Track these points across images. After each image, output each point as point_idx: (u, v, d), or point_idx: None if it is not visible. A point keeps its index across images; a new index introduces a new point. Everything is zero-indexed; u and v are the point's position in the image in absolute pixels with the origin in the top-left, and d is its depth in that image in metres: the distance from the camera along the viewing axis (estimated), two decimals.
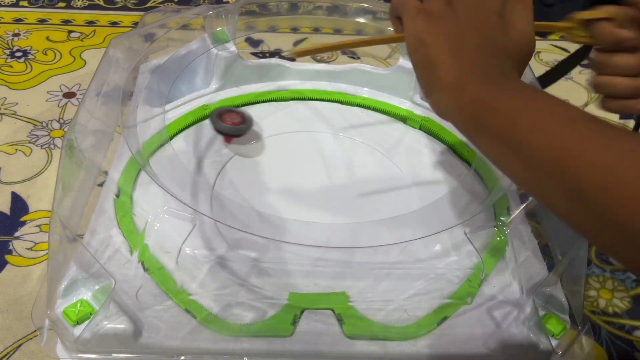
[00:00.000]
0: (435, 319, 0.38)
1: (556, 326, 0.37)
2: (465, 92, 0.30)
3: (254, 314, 0.37)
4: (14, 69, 0.69)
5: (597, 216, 0.24)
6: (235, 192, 0.47)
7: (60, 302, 0.36)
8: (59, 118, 0.62)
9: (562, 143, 0.25)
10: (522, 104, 0.28)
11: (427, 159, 0.52)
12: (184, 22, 0.54)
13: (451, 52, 0.31)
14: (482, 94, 0.29)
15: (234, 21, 0.56)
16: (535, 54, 0.79)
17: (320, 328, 0.37)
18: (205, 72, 0.57)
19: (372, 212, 0.46)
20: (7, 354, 0.42)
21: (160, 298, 0.38)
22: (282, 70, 0.59)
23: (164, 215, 0.41)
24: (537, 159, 0.26)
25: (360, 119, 0.56)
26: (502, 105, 0.28)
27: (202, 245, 0.41)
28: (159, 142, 0.49)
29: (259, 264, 0.40)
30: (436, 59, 0.31)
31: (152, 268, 0.39)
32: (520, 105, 0.28)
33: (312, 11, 0.56)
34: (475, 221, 0.43)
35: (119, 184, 0.45)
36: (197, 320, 0.37)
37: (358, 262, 0.41)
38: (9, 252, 0.48)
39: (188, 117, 0.53)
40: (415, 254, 0.42)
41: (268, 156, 0.51)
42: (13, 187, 0.54)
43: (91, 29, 0.77)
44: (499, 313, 0.38)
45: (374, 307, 0.38)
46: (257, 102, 0.57)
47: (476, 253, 0.41)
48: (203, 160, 0.50)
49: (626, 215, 0.23)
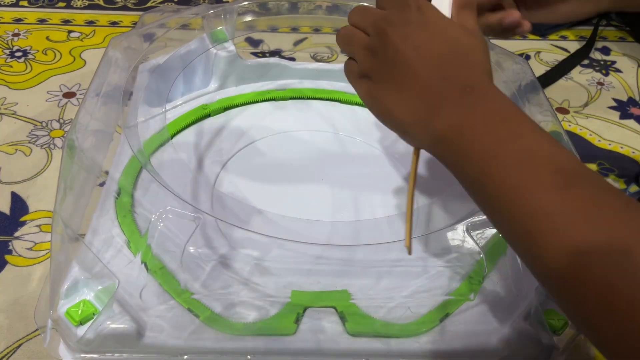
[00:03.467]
0: (437, 316, 0.38)
1: (558, 322, 0.37)
2: (431, 123, 0.30)
3: (257, 313, 0.37)
4: (13, 68, 0.69)
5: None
6: (236, 191, 0.47)
7: (62, 302, 0.36)
8: (59, 118, 0.62)
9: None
10: (491, 145, 0.28)
11: (427, 156, 0.52)
12: (183, 21, 0.54)
13: (400, 94, 0.31)
14: (449, 120, 0.29)
15: (233, 21, 0.56)
16: (535, 53, 0.79)
17: (323, 326, 0.37)
18: (205, 71, 0.57)
19: (373, 210, 0.46)
20: (7, 353, 0.42)
21: (163, 298, 0.38)
22: (282, 69, 0.59)
23: (167, 214, 0.41)
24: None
25: (359, 117, 0.57)
26: (473, 136, 0.29)
27: (204, 244, 0.41)
28: (159, 141, 0.49)
29: (261, 263, 0.40)
30: (390, 107, 0.32)
31: (155, 268, 0.39)
32: (489, 144, 0.28)
33: (312, 11, 0.56)
34: (476, 218, 0.43)
35: (120, 184, 0.45)
36: (200, 320, 0.37)
37: (359, 260, 0.41)
38: (9, 252, 0.48)
39: (188, 116, 0.53)
40: (416, 251, 0.42)
41: (268, 155, 0.51)
42: (13, 187, 0.54)
43: (91, 28, 0.77)
44: (501, 309, 0.38)
45: (376, 304, 0.38)
46: (256, 101, 0.57)
47: (478, 249, 0.41)
48: (203, 159, 0.50)
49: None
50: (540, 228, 0.25)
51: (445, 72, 0.30)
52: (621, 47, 0.82)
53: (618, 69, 0.77)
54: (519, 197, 0.26)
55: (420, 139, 0.32)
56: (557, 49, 0.80)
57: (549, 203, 0.25)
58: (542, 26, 0.82)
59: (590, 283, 0.24)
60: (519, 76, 0.52)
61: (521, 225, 0.26)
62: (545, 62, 0.77)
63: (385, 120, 0.33)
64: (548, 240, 0.25)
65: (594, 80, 0.74)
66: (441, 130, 0.30)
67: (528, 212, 0.26)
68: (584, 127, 0.66)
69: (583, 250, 0.24)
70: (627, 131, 0.66)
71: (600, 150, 0.63)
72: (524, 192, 0.26)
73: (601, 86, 0.73)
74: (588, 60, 0.78)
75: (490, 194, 0.28)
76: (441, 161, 0.31)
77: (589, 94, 0.72)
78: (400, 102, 0.31)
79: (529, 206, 0.26)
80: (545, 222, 0.25)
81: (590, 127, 0.66)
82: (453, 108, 0.29)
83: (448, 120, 0.29)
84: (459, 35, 0.32)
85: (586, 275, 0.24)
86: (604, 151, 0.63)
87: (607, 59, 0.79)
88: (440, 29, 0.32)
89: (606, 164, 0.62)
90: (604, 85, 0.73)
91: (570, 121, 0.67)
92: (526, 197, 0.26)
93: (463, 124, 0.29)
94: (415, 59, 0.31)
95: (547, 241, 0.25)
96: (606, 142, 0.64)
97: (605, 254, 0.24)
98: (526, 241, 0.26)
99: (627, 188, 0.59)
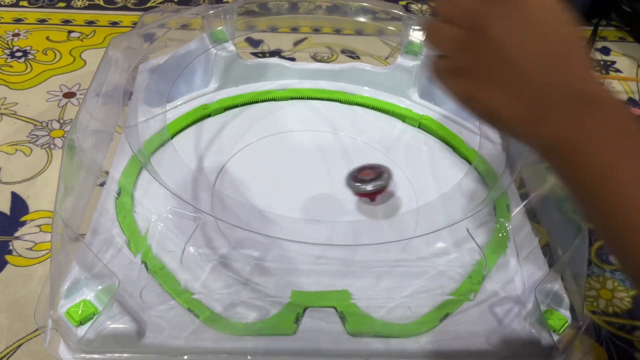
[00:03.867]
0: (437, 316, 0.38)
1: (557, 322, 0.37)
2: (541, 127, 0.28)
3: (257, 313, 0.37)
4: (14, 69, 0.69)
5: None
6: (235, 191, 0.47)
7: (63, 302, 0.36)
8: (59, 118, 0.62)
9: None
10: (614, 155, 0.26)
11: (427, 156, 0.52)
12: (183, 22, 0.54)
13: (507, 96, 0.29)
14: (562, 129, 0.27)
15: (233, 21, 0.56)
16: None
17: (323, 326, 0.37)
18: (205, 71, 0.57)
19: (373, 210, 0.46)
20: (7, 353, 0.42)
21: (164, 298, 0.38)
22: (281, 69, 0.59)
23: (167, 215, 0.41)
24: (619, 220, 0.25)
25: (359, 117, 0.57)
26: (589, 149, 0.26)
27: (204, 244, 0.41)
28: (159, 141, 0.49)
29: (261, 263, 0.40)
30: (496, 108, 0.29)
31: (155, 268, 0.39)
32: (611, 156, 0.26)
33: (312, 11, 0.56)
34: (476, 218, 0.43)
35: (120, 184, 0.45)
36: (201, 320, 0.37)
37: (359, 260, 0.41)
38: (9, 252, 0.48)
39: (188, 116, 0.53)
40: (416, 252, 0.42)
41: (268, 155, 0.51)
42: (13, 187, 0.54)
43: (91, 29, 0.77)
44: (501, 309, 0.38)
45: (376, 304, 0.38)
46: (256, 101, 0.57)
47: (478, 250, 0.41)
48: (203, 159, 0.50)
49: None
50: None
51: (558, 74, 0.28)
52: (621, 47, 0.82)
53: (618, 69, 0.77)
54: (635, 219, 0.25)
55: (528, 140, 0.29)
56: None
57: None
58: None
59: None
60: None
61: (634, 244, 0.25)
62: None
63: (490, 121, 0.31)
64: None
65: None
66: (552, 139, 0.27)
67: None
68: None
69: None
70: None
71: None
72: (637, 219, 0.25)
73: None
74: None
75: (604, 211, 0.26)
76: (551, 165, 0.29)
77: None
78: (507, 104, 0.29)
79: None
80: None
81: None
82: (567, 117, 0.27)
83: (560, 132, 0.27)
84: (569, 30, 0.29)
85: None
86: None
87: (607, 59, 0.79)
88: (544, 20, 0.28)
89: None
90: None
91: None
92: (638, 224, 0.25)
93: (577, 135, 0.27)
94: (522, 58, 0.28)
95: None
96: None
97: None
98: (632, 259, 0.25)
99: None
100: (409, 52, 0.56)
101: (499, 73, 0.29)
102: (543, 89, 0.28)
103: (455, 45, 0.30)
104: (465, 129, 0.54)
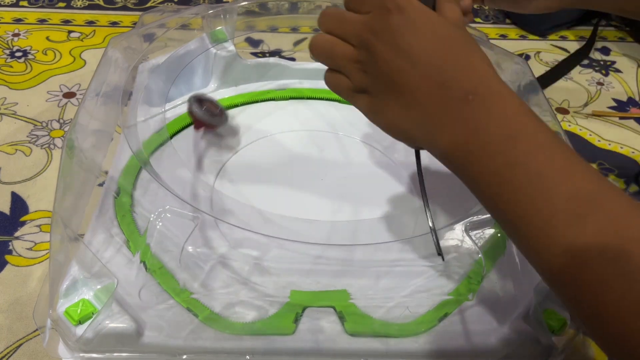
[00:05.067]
0: (436, 316, 0.38)
1: (557, 322, 0.37)
2: (437, 135, 0.29)
3: (256, 313, 0.37)
4: (14, 69, 0.69)
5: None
6: (235, 191, 0.47)
7: (62, 302, 0.36)
8: (59, 118, 0.62)
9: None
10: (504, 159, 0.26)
11: (426, 156, 0.52)
12: (183, 21, 0.54)
13: (403, 108, 0.29)
14: (453, 134, 0.28)
15: (233, 21, 0.56)
16: (535, 54, 0.79)
17: (322, 326, 0.37)
18: (204, 71, 0.57)
19: (372, 210, 0.46)
20: (7, 353, 0.42)
21: (162, 297, 0.38)
22: (281, 69, 0.59)
23: (165, 214, 0.41)
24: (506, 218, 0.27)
25: (359, 117, 0.56)
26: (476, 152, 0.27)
27: (203, 244, 0.41)
28: (158, 141, 0.49)
29: (260, 263, 0.40)
30: (395, 121, 0.30)
31: (154, 267, 0.39)
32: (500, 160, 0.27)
33: (312, 11, 0.56)
34: (475, 218, 0.43)
35: (119, 184, 0.45)
36: (199, 319, 0.37)
37: (358, 260, 0.41)
38: (9, 252, 0.48)
39: (187, 116, 0.53)
40: (415, 251, 0.42)
41: (267, 155, 0.51)
42: (13, 187, 0.54)
43: (91, 29, 0.77)
44: (500, 309, 0.38)
45: (375, 304, 0.38)
46: (256, 101, 0.57)
47: (476, 249, 0.41)
48: (203, 159, 0.50)
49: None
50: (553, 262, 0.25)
51: (444, 78, 0.28)
52: (621, 47, 0.82)
53: (618, 69, 0.77)
54: (531, 227, 0.25)
55: (432, 152, 0.30)
56: (557, 49, 0.80)
57: (564, 239, 0.24)
58: (542, 26, 0.82)
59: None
60: (518, 76, 0.52)
61: (530, 248, 0.26)
62: (545, 62, 0.77)
63: (395, 135, 0.32)
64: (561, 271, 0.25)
65: (593, 80, 0.74)
66: (447, 147, 0.28)
67: (541, 243, 0.25)
68: (583, 127, 0.66)
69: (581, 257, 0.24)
70: (626, 131, 0.66)
71: (600, 150, 0.63)
72: (537, 223, 0.25)
73: (601, 86, 0.73)
74: (588, 60, 0.78)
75: (503, 217, 0.27)
76: (452, 171, 0.30)
77: (589, 94, 0.72)
78: (404, 116, 0.29)
79: (542, 238, 0.25)
80: (560, 258, 0.24)
81: (590, 127, 0.66)
82: (456, 122, 0.27)
83: (453, 138, 0.28)
84: (450, 32, 0.29)
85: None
86: (604, 151, 0.63)
87: (607, 59, 0.79)
88: (429, 28, 0.29)
89: (606, 164, 0.62)
90: (603, 86, 0.73)
91: (570, 121, 0.67)
92: (539, 227, 0.25)
93: (468, 142, 0.27)
94: (410, 69, 0.28)
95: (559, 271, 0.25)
96: (606, 142, 0.64)
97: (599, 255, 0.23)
98: (536, 261, 0.26)
99: (627, 188, 0.59)
100: None
101: (394, 87, 0.29)
102: (431, 95, 0.28)
103: (351, 63, 0.31)
104: None
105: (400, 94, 0.29)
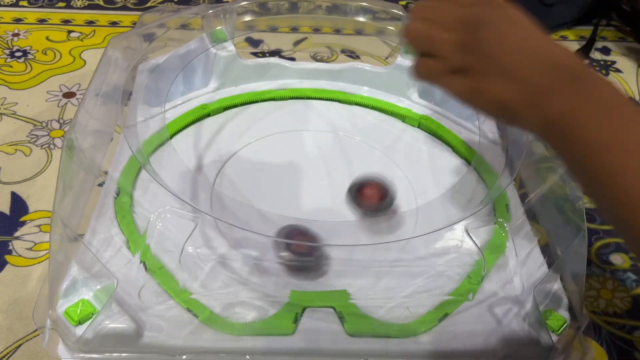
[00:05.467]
0: (436, 316, 0.38)
1: (556, 322, 0.37)
2: (543, 107, 0.30)
3: (256, 313, 0.37)
4: (13, 69, 0.69)
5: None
6: (235, 191, 0.47)
7: (61, 302, 0.36)
8: (59, 118, 0.62)
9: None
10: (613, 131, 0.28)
11: (426, 156, 0.52)
12: (182, 21, 0.54)
13: (509, 82, 0.31)
14: (560, 105, 0.29)
15: (233, 21, 0.56)
16: None
17: (322, 326, 0.37)
18: (204, 71, 0.57)
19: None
20: (7, 353, 0.42)
21: (162, 297, 0.38)
22: (281, 69, 0.59)
23: (165, 214, 0.41)
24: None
25: (359, 117, 0.57)
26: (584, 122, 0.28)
27: (203, 244, 0.41)
28: (158, 141, 0.49)
29: (260, 263, 0.40)
30: (499, 95, 0.31)
31: (154, 268, 0.39)
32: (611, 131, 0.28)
33: (312, 11, 0.56)
34: (475, 218, 0.43)
35: (119, 184, 0.45)
36: (199, 320, 0.37)
37: (358, 260, 0.41)
38: (9, 252, 0.48)
39: (187, 116, 0.53)
40: (415, 252, 0.42)
41: (267, 155, 0.51)
42: (13, 187, 0.54)
43: (91, 28, 0.77)
44: (500, 309, 0.38)
45: (375, 304, 0.38)
46: (256, 101, 0.57)
47: (477, 250, 0.41)
48: (203, 159, 0.50)
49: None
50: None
51: (555, 60, 0.30)
52: (621, 47, 0.81)
53: (618, 69, 0.77)
54: (635, 198, 0.26)
55: (531, 122, 0.31)
56: None
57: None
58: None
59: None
60: None
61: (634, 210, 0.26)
62: None
63: (495, 111, 0.33)
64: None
65: None
66: (554, 115, 0.30)
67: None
68: None
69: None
70: None
71: None
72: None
73: None
74: (588, 60, 0.78)
75: (604, 181, 0.28)
76: (551, 145, 0.31)
77: None
78: (510, 88, 0.31)
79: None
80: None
81: None
82: (566, 94, 0.29)
83: (561, 106, 0.29)
84: (540, 31, 0.32)
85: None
86: None
87: (607, 59, 0.79)
88: (525, 19, 0.32)
89: None
90: None
91: None
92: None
93: (576, 110, 0.29)
94: (516, 49, 0.31)
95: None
96: None
97: None
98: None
99: None
100: (408, 52, 0.56)
101: (498, 65, 0.31)
102: (539, 71, 0.30)
103: (451, 46, 0.33)
104: (464, 129, 0.54)
105: (508, 70, 0.31)
